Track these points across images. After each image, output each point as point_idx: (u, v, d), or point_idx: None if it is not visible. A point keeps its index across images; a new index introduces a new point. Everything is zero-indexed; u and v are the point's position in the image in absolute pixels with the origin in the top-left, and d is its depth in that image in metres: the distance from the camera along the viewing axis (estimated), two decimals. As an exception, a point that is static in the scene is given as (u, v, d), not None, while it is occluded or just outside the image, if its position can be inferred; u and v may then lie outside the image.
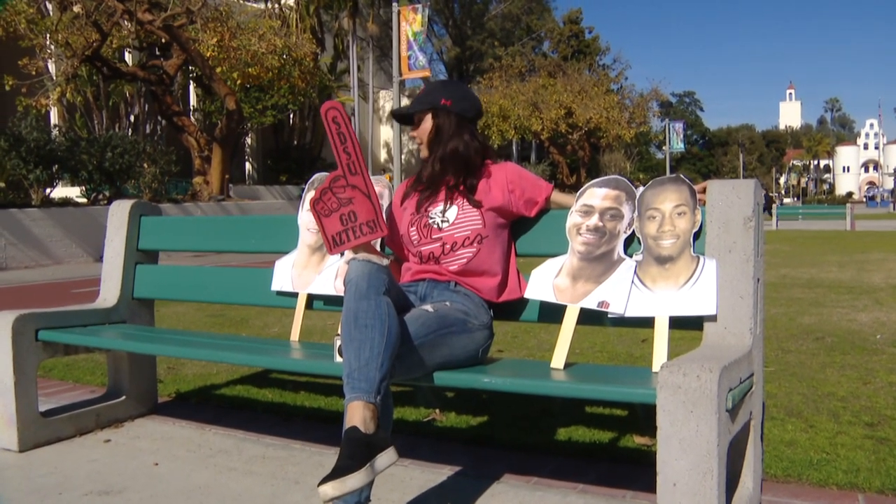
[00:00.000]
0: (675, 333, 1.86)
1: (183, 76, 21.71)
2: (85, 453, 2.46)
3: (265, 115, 23.35)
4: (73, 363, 3.85)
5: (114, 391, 2.88)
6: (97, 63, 16.82)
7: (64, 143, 14.16)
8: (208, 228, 2.86)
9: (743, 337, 1.77)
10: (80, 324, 2.69)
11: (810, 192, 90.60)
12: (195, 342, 2.43)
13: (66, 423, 2.63)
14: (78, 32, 15.87)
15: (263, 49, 17.57)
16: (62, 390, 3.34)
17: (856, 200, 68.85)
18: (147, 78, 17.69)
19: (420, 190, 2.18)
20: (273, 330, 4.98)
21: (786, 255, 11.19)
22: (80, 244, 13.09)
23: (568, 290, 1.98)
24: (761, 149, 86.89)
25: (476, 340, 2.00)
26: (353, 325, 1.70)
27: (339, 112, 2.00)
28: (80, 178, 14.27)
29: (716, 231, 1.84)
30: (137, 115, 22.19)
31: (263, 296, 2.58)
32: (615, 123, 33.00)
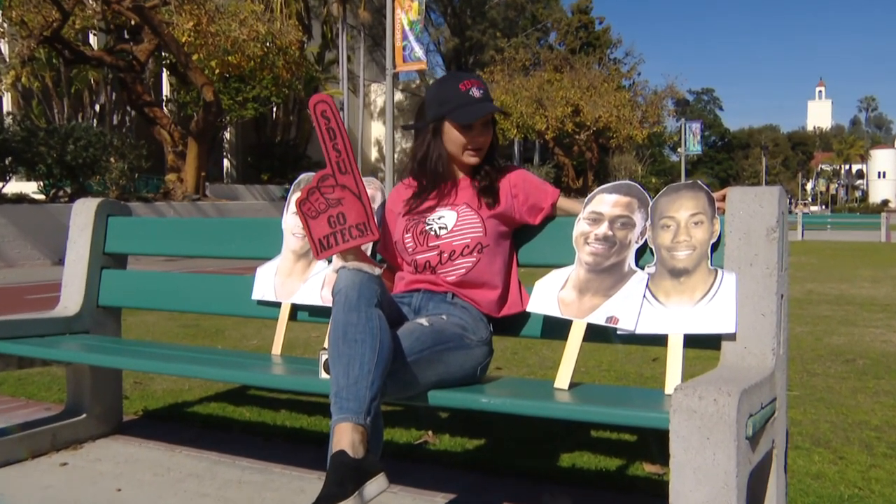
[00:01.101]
0: (690, 353, 1.86)
1: (155, 63, 21.69)
2: (38, 478, 2.44)
3: (246, 108, 23.36)
4: (26, 377, 3.83)
5: (73, 409, 2.86)
6: (57, 45, 16.67)
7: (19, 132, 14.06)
8: (182, 231, 2.87)
9: (765, 358, 1.78)
10: (36, 334, 2.67)
11: (840, 200, 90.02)
12: (166, 355, 2.42)
13: (17, 445, 2.61)
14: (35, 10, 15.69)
15: (245, 35, 17.57)
16: (14, 408, 3.32)
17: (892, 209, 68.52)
18: (115, 64, 17.63)
19: (418, 196, 2.19)
20: (252, 342, 4.97)
21: (812, 268, 11.22)
22: (36, 245, 12.95)
23: (574, 303, 1.99)
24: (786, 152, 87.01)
25: (474, 357, 2.01)
26: (341, 339, 1.70)
27: (329, 105, 2.01)
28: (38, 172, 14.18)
29: (736, 242, 1.85)
30: (104, 105, 22.17)
31: (242, 305, 2.58)
32: (626, 123, 33.13)
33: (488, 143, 2.15)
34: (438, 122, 2.13)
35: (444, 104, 2.11)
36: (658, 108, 36.12)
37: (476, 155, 2.13)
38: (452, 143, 2.12)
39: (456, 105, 2.09)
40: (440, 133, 2.13)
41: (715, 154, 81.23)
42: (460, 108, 2.09)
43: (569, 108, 32.04)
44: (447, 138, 2.12)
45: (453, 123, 2.10)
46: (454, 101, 2.10)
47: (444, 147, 2.14)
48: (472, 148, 2.12)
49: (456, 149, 2.13)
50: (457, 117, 2.08)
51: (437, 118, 2.12)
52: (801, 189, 76.85)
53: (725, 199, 1.89)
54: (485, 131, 2.12)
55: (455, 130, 2.10)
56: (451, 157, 2.15)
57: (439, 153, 2.14)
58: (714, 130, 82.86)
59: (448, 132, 2.12)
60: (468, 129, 2.10)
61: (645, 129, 34.26)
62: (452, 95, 2.10)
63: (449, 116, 2.09)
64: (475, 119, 2.08)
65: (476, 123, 2.10)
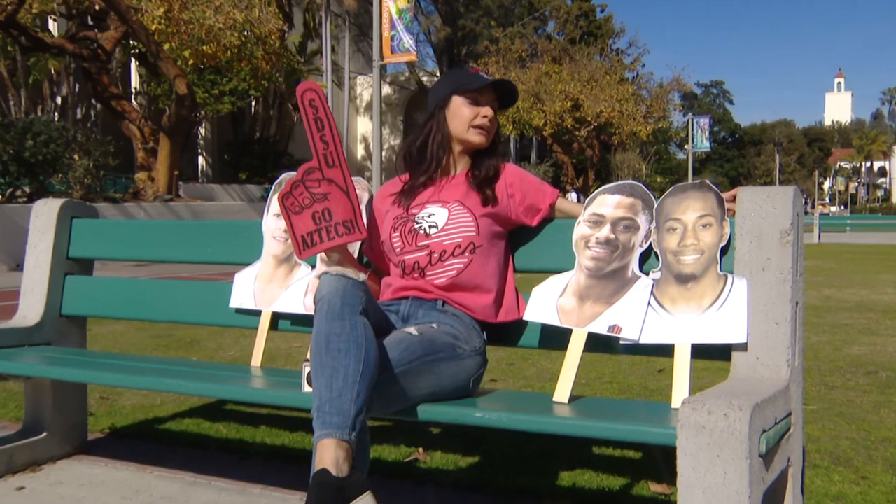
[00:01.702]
0: (699, 363, 1.87)
1: (123, 52, 21.59)
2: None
3: (222, 102, 23.32)
4: (-17, 392, 3.80)
5: (32, 427, 2.83)
6: (13, 31, 16.47)
7: (-31, 126, 13.98)
8: (153, 234, 2.86)
9: (778, 369, 1.78)
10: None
11: (861, 200, 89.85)
12: (135, 367, 2.41)
13: (-29, 466, 2.58)
14: (-13, -8, 15.62)
15: (220, 23, 17.51)
16: (-30, 425, 3.30)
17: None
18: (78, 52, 17.50)
19: (407, 192, 2.20)
20: (229, 353, 4.96)
21: (830, 272, 11.28)
22: (-10, 249, 12.88)
23: (574, 311, 2.00)
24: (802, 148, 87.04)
25: (466, 368, 2.01)
26: (324, 349, 1.70)
27: (318, 94, 2.02)
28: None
29: (747, 246, 1.86)
30: (66, 97, 22.03)
31: (219, 313, 2.58)
32: (629, 118, 33.24)
33: (495, 128, 2.20)
34: (445, 98, 2.18)
35: (452, 82, 2.19)
36: (663, 103, 36.25)
37: (482, 133, 2.17)
38: (458, 119, 2.16)
39: (465, 81, 2.16)
40: (445, 112, 2.18)
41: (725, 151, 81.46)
42: (470, 81, 2.16)
43: (568, 102, 32.13)
44: (452, 114, 2.17)
45: (462, 94, 2.15)
46: (463, 79, 2.17)
47: (448, 127, 2.18)
48: (477, 124, 2.16)
49: (461, 125, 2.16)
50: (465, 87, 2.15)
51: (444, 95, 2.18)
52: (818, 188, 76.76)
53: (735, 199, 1.90)
54: (492, 109, 2.18)
55: (463, 104, 2.16)
56: (454, 141, 2.19)
57: (442, 134, 2.18)
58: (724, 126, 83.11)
59: (455, 107, 2.17)
60: (476, 104, 2.16)
61: (650, 125, 34.37)
62: (461, 75, 2.19)
63: (457, 89, 2.16)
64: (485, 83, 2.14)
65: (484, 100, 2.16)
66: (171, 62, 17.36)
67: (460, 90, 2.16)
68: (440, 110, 2.19)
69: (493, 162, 2.19)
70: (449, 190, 2.17)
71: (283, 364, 4.50)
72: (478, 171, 2.18)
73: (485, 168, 2.18)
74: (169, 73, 17.32)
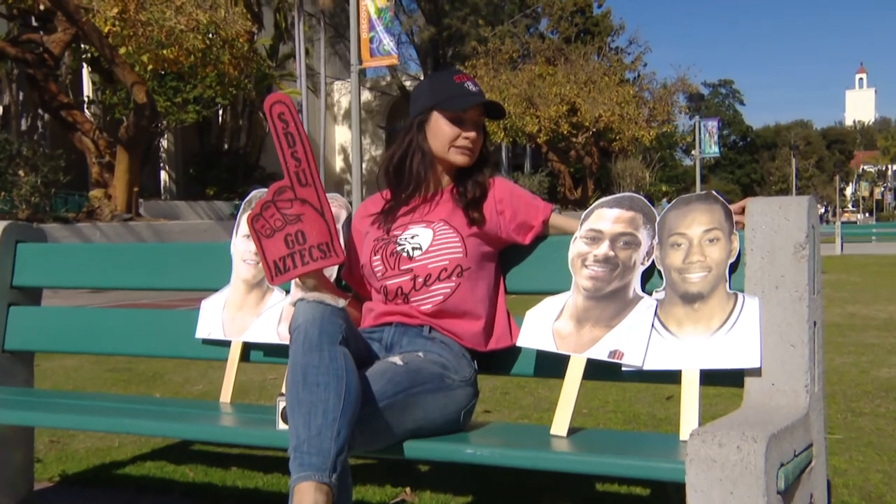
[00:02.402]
0: (711, 390, 1.88)
1: (73, 57, 21.48)
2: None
3: (186, 111, 23.31)
4: None
5: (-30, 476, 2.79)
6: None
7: None
8: (111, 258, 2.85)
9: (797, 396, 1.79)
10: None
11: (887, 206, 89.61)
12: (90, 407, 2.39)
13: None
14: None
15: (182, 25, 17.46)
16: None
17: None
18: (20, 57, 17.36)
19: (389, 211, 2.21)
20: (197, 388, 4.94)
21: (854, 287, 11.30)
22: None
23: (571, 336, 2.01)
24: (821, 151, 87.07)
25: (456, 400, 2.02)
26: (301, 383, 1.70)
27: (288, 107, 2.03)
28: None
29: (758, 262, 1.87)
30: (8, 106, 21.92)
31: (184, 345, 2.57)
32: (631, 122, 33.44)
33: (479, 145, 2.19)
34: (425, 113, 2.17)
35: (434, 95, 2.16)
36: (668, 105, 36.50)
37: (465, 154, 2.16)
38: (438, 139, 2.15)
39: (448, 95, 2.14)
40: (425, 128, 2.17)
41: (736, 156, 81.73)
42: (453, 98, 2.14)
43: (564, 106, 32.29)
44: (433, 133, 2.16)
45: (443, 112, 2.14)
46: (446, 92, 2.15)
47: (429, 144, 2.17)
48: (460, 145, 2.15)
49: (441, 145, 2.15)
50: (447, 105, 2.13)
51: (425, 109, 2.17)
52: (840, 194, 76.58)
53: (745, 211, 1.91)
54: (476, 130, 2.17)
55: (443, 123, 2.14)
56: (435, 159, 2.18)
57: (423, 151, 2.17)
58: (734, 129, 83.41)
59: (435, 125, 2.16)
60: (459, 123, 2.14)
61: (653, 129, 34.57)
62: (444, 86, 2.16)
63: (439, 106, 2.14)
64: (468, 106, 2.12)
65: (468, 117, 2.15)
66: (128, 68, 17.29)
67: (442, 107, 2.15)
68: (420, 126, 2.18)
69: (479, 179, 2.19)
70: (433, 208, 2.18)
71: (255, 399, 4.48)
72: (463, 189, 2.18)
73: (470, 187, 2.17)
74: (126, 79, 17.25)
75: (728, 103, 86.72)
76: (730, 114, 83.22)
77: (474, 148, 2.17)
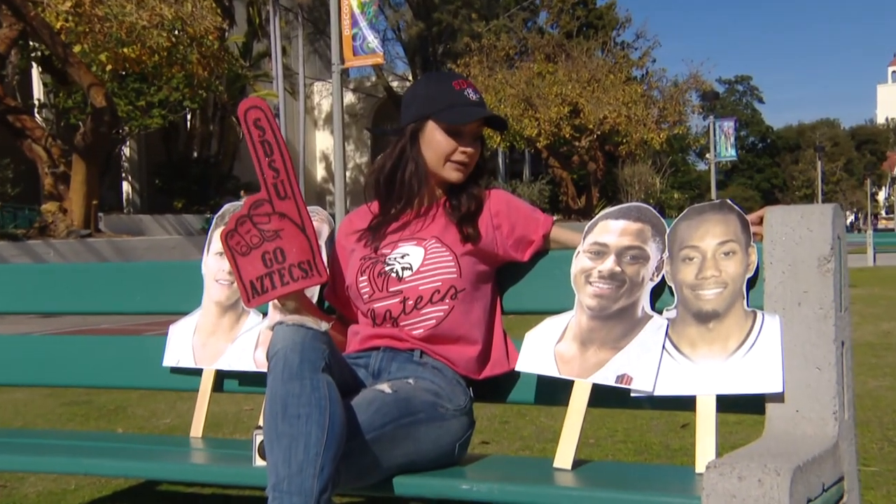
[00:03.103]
0: (730, 417, 1.89)
1: (21, 56, 21.43)
2: None
3: (150, 116, 23.31)
4: None
5: None
6: None
7: None
8: (66, 279, 2.84)
9: (824, 424, 1.79)
10: None
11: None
12: (42, 446, 2.38)
13: None
14: None
15: (145, 21, 17.34)
16: None
17: None
18: (-41, 56, 17.31)
19: (376, 227, 2.22)
20: (164, 422, 4.92)
21: (889, 302, 11.26)
22: None
23: (575, 359, 2.02)
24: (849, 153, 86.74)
25: (450, 431, 2.02)
26: (280, 414, 1.70)
27: (264, 113, 2.05)
28: None
29: (778, 276, 1.88)
30: (-55, 111, 21.84)
31: (150, 374, 2.57)
32: (639, 124, 33.53)
33: (475, 160, 2.19)
34: (420, 122, 2.16)
35: (431, 102, 2.15)
36: (679, 104, 36.62)
37: (460, 170, 2.16)
38: (433, 151, 2.15)
39: (447, 104, 2.13)
40: (419, 137, 2.17)
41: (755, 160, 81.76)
42: (452, 109, 2.13)
43: (565, 107, 32.35)
44: (427, 144, 2.16)
45: (440, 124, 2.14)
46: (444, 100, 2.14)
47: (422, 155, 2.17)
48: (456, 160, 2.15)
49: (437, 158, 2.15)
50: (446, 117, 2.12)
51: (419, 118, 2.16)
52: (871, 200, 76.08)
53: (763, 221, 1.92)
54: (474, 145, 2.17)
55: (440, 135, 2.14)
56: (428, 172, 2.18)
57: (416, 163, 2.17)
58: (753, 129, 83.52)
59: (430, 136, 2.15)
60: (456, 136, 2.14)
61: (663, 131, 34.65)
62: (442, 93, 2.15)
63: (435, 116, 2.14)
64: (470, 120, 2.12)
65: (467, 130, 2.15)
66: (85, 68, 17.20)
67: (439, 118, 2.14)
68: (413, 135, 2.18)
69: (474, 191, 2.19)
70: (425, 224, 2.19)
71: (230, 433, 4.46)
72: (456, 203, 2.18)
73: (465, 200, 2.18)
74: (82, 81, 17.14)
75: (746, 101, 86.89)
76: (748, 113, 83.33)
77: (470, 163, 2.18)
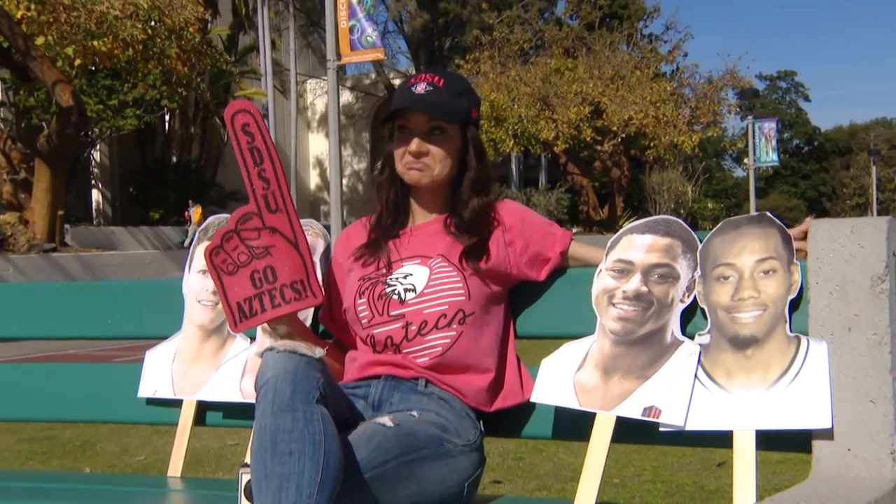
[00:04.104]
0: (770, 456, 1.89)
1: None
2: None
3: (123, 117, 23.42)
4: None
5: None
6: None
7: None
8: (27, 300, 2.85)
9: (880, 465, 1.78)
10: None
11: None
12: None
13: None
14: None
15: (117, 10, 17.34)
16: None
17: None
18: None
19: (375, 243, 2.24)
20: (137, 459, 4.92)
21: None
22: None
23: (597, 389, 2.02)
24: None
25: (458, 470, 2.03)
26: (269, 451, 1.71)
27: (254, 117, 2.07)
28: None
29: (825, 298, 1.87)
30: None
31: (122, 406, 2.58)
32: (669, 125, 33.49)
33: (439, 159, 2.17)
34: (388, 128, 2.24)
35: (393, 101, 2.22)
36: (714, 103, 36.57)
37: (412, 167, 2.17)
38: (395, 156, 2.21)
39: (395, 102, 2.20)
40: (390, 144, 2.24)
41: (800, 165, 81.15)
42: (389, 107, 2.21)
43: (586, 107, 32.31)
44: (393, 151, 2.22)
45: (387, 123, 2.21)
46: (396, 98, 2.21)
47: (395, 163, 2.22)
48: (404, 160, 2.17)
49: (398, 163, 2.20)
50: (385, 115, 2.20)
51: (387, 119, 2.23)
52: (934, 209, 75.26)
53: (807, 236, 1.92)
54: (427, 141, 2.16)
55: (393, 137, 2.20)
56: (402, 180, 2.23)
57: (391, 169, 2.23)
58: (797, 131, 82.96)
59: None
60: (402, 133, 2.17)
61: (695, 134, 34.57)
62: (399, 91, 2.23)
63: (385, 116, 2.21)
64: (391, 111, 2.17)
65: (411, 125, 2.17)
66: (49, 62, 17.16)
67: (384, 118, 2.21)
68: (389, 139, 2.24)
69: (473, 204, 2.18)
70: (429, 240, 2.20)
71: (211, 471, 4.47)
72: (456, 219, 2.19)
73: (466, 215, 2.18)
74: (45, 77, 17.12)
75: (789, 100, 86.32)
76: (792, 113, 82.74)
77: (424, 163, 2.16)
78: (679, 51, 39.61)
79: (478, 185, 2.21)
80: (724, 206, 48.39)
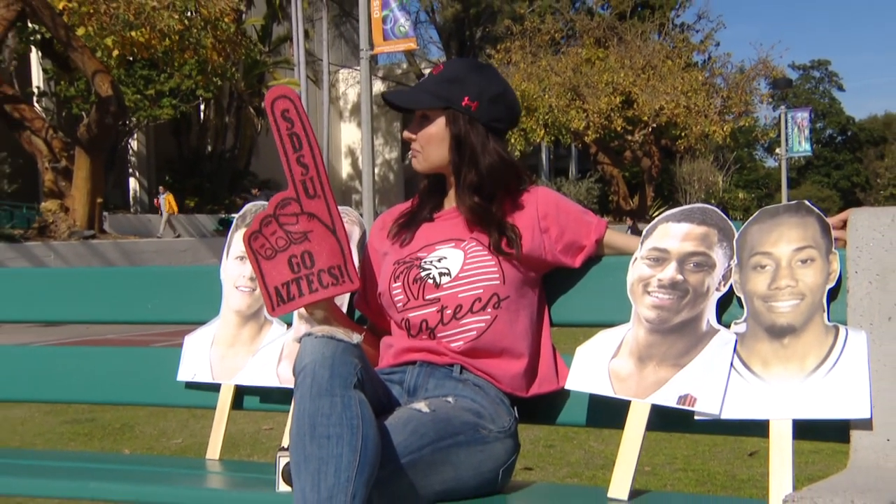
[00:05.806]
0: (806, 445, 1.87)
1: (19, 39, 21.73)
2: None
3: (160, 106, 23.58)
4: None
5: None
6: None
7: None
8: (68, 285, 2.86)
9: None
10: None
11: None
12: (42, 468, 2.40)
13: None
14: None
15: (155, 1, 17.54)
16: None
17: None
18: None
19: (410, 226, 2.24)
20: (175, 442, 4.96)
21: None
22: None
23: (632, 377, 2.02)
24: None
25: (493, 456, 2.03)
26: (308, 435, 1.72)
27: (294, 103, 2.07)
28: None
29: (864, 287, 1.86)
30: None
31: (161, 389, 2.59)
32: (700, 115, 33.33)
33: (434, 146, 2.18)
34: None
35: None
36: (746, 93, 36.34)
37: (413, 155, 2.22)
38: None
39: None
40: None
41: (833, 155, 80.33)
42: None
43: (617, 97, 32.25)
44: None
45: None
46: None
47: None
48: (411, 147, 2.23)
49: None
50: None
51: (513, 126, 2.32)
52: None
53: (846, 225, 1.91)
54: (418, 126, 2.20)
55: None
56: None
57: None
58: (831, 120, 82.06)
59: None
60: (410, 122, 2.25)
61: (727, 124, 34.41)
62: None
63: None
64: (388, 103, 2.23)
65: (412, 115, 2.24)
66: (89, 53, 17.36)
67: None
68: None
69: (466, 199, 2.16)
70: (463, 224, 2.20)
71: (247, 454, 4.49)
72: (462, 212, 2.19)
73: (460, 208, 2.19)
74: (85, 67, 17.33)
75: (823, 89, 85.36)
76: (825, 102, 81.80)
77: (414, 149, 2.22)
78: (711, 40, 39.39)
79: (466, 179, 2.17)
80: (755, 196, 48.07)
